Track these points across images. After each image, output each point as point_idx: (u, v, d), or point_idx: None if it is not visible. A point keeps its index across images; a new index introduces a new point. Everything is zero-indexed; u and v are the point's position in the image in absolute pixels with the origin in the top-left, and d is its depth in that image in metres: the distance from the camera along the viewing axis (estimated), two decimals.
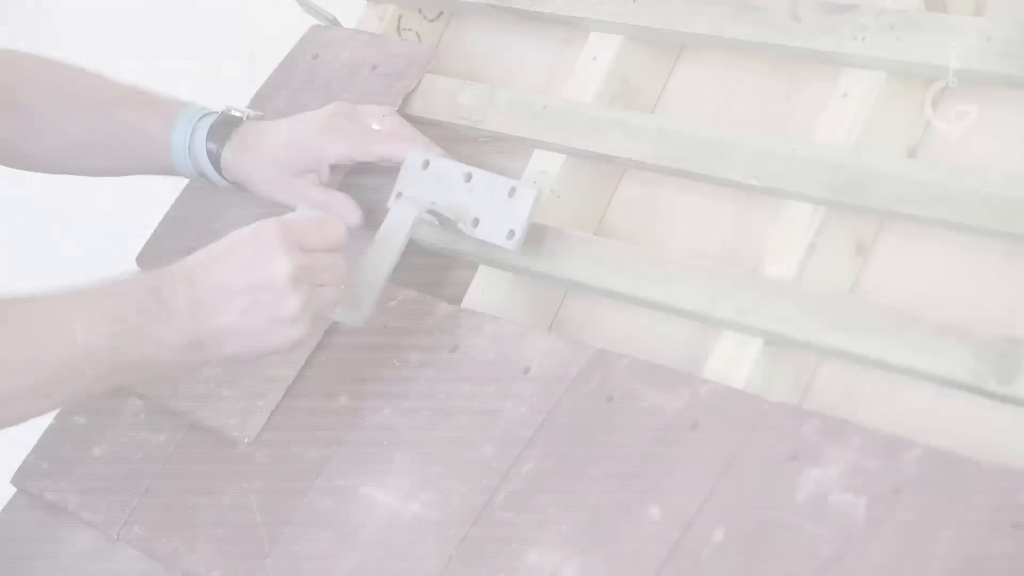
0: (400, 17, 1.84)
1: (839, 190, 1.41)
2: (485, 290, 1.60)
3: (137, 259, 1.80)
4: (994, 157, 1.41)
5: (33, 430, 1.80)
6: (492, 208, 1.56)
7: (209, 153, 1.67)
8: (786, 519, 1.27)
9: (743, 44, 1.54)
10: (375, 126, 1.66)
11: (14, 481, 1.76)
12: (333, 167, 1.65)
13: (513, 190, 1.55)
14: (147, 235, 1.81)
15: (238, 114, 1.68)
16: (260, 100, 1.82)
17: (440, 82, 1.73)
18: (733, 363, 1.41)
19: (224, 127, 1.67)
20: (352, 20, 1.87)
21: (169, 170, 1.70)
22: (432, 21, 1.85)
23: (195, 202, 1.80)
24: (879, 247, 1.45)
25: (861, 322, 1.35)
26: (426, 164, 1.60)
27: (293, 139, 1.64)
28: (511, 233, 1.54)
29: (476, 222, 1.57)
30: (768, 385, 1.41)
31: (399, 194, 1.61)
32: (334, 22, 1.86)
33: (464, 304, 1.60)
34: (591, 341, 1.54)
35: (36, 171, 1.74)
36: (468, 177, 1.58)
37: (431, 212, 1.57)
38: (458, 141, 1.73)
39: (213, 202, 1.77)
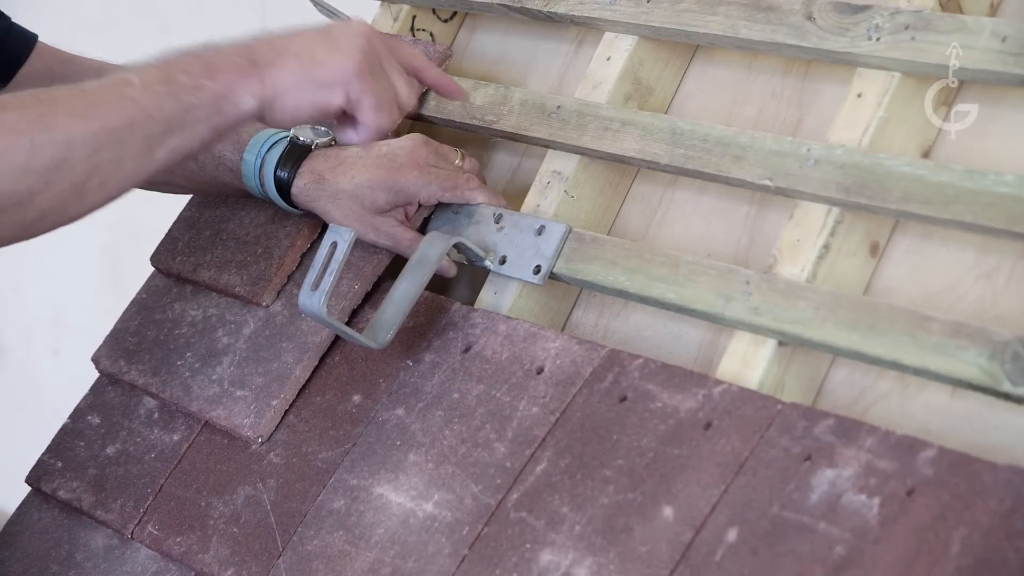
0: (414, 17, 1.84)
1: (853, 191, 1.41)
2: (498, 290, 1.60)
3: (151, 259, 1.81)
4: (1008, 158, 1.41)
5: (47, 429, 1.80)
6: (520, 246, 1.58)
7: (278, 181, 1.65)
8: (799, 520, 1.27)
9: (757, 44, 1.54)
10: (457, 162, 1.66)
11: (28, 480, 1.76)
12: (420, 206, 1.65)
13: (542, 228, 1.57)
14: (160, 235, 1.82)
15: (305, 140, 1.66)
16: None
17: None
18: (747, 363, 1.41)
19: (293, 157, 1.65)
20: (366, 20, 1.87)
21: (243, 193, 1.70)
22: (446, 21, 1.85)
23: (208, 202, 1.80)
24: (893, 248, 1.45)
25: (875, 323, 1.35)
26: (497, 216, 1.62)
27: (380, 177, 1.62)
28: (537, 269, 1.56)
29: (503, 260, 1.58)
30: (781, 386, 1.41)
31: (429, 227, 1.63)
32: None
33: (477, 304, 1.60)
34: (604, 341, 1.54)
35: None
36: (498, 217, 1.60)
37: (459, 247, 1.58)
38: (472, 141, 1.74)
39: (226, 203, 1.78)
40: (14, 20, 1.75)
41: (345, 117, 1.51)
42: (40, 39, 1.75)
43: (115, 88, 1.41)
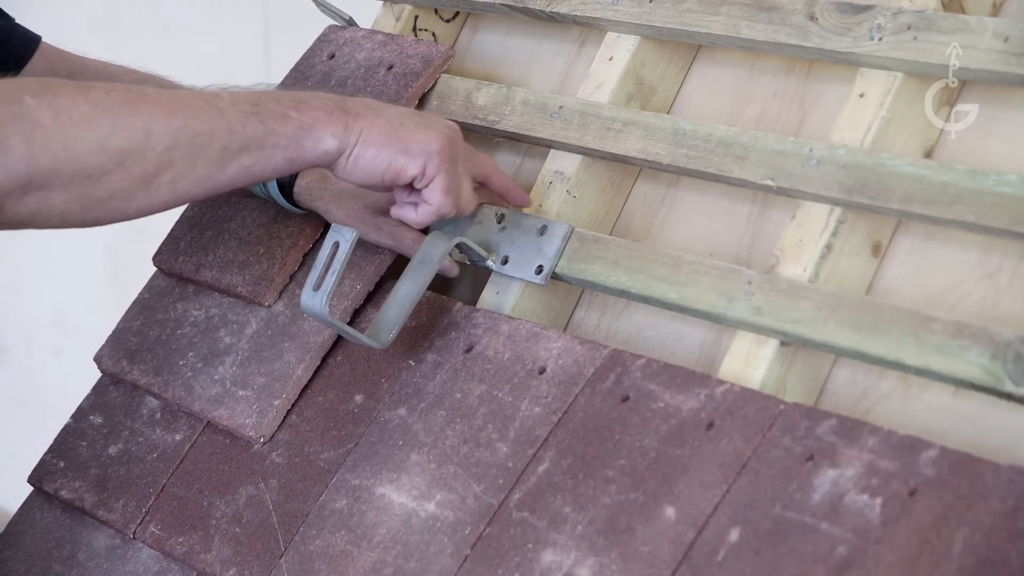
0: (416, 17, 1.84)
1: (855, 191, 1.41)
2: (501, 290, 1.60)
3: (154, 259, 1.81)
4: (1011, 158, 1.41)
5: (50, 428, 1.80)
6: (522, 246, 1.58)
7: (280, 183, 1.66)
8: (802, 520, 1.27)
9: (759, 44, 1.54)
10: None
11: (30, 480, 1.76)
12: None
13: (544, 228, 1.57)
14: (163, 235, 1.82)
15: None
16: None
17: (456, 82, 1.74)
18: (749, 364, 1.41)
19: None
20: (368, 20, 1.87)
21: (245, 193, 1.70)
22: (448, 21, 1.85)
23: (210, 202, 1.80)
24: (895, 248, 1.45)
25: (877, 323, 1.35)
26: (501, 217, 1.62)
27: None
28: (540, 269, 1.56)
29: (506, 260, 1.58)
30: (784, 386, 1.41)
31: (432, 228, 1.63)
32: (350, 22, 1.86)
33: (480, 304, 1.60)
34: (606, 341, 1.54)
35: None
36: (501, 217, 1.60)
37: (461, 247, 1.58)
38: (474, 141, 1.74)
39: (228, 202, 1.78)
40: (16, 20, 1.76)
41: (408, 194, 1.52)
42: (43, 39, 1.76)
43: (204, 96, 1.43)
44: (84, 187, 1.37)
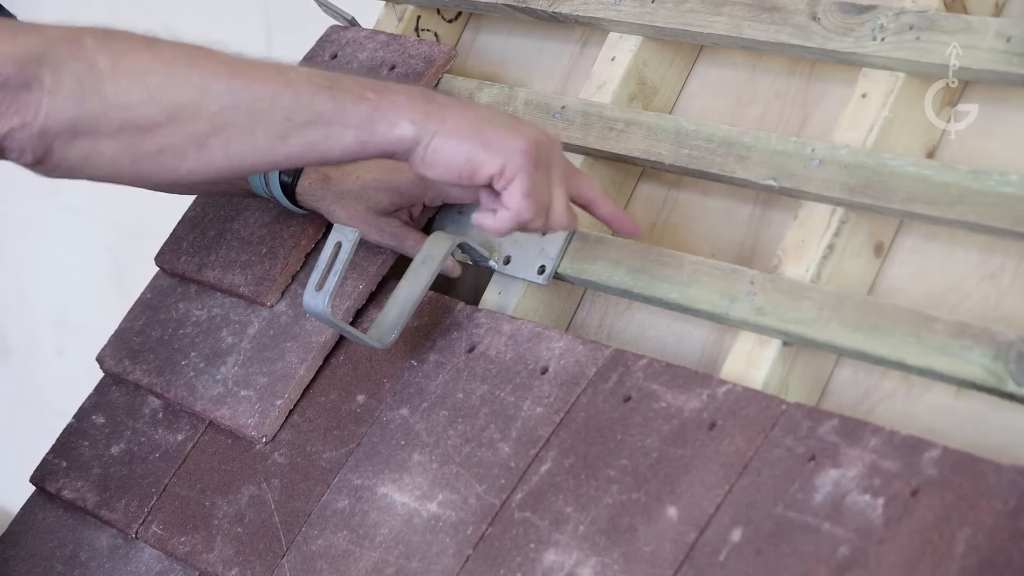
0: (419, 17, 1.84)
1: (857, 191, 1.41)
2: (503, 290, 1.60)
3: (156, 259, 1.81)
4: (1013, 158, 1.41)
5: (52, 428, 1.80)
6: (524, 246, 1.58)
7: (283, 181, 1.64)
8: (804, 520, 1.27)
9: (761, 45, 1.54)
10: None
11: (33, 480, 1.77)
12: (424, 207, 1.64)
13: None
14: (165, 235, 1.82)
15: None
16: None
17: (458, 83, 1.74)
18: (751, 364, 1.41)
19: None
20: (370, 20, 1.87)
21: (248, 192, 1.69)
22: (450, 22, 1.85)
23: (212, 202, 1.80)
24: (897, 248, 1.45)
25: (879, 323, 1.35)
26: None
27: (385, 178, 1.60)
28: (542, 269, 1.56)
29: (508, 260, 1.58)
30: (786, 386, 1.41)
31: (433, 228, 1.63)
32: (352, 22, 1.86)
33: (482, 304, 1.60)
34: (608, 341, 1.54)
35: (122, 184, 1.75)
36: None
37: (463, 247, 1.58)
38: None
39: (230, 202, 1.78)
40: (18, 19, 1.75)
41: (489, 198, 1.42)
42: None
43: (276, 64, 1.37)
44: (134, 138, 1.32)
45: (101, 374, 1.79)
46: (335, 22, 1.87)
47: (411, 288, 1.55)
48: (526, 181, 1.39)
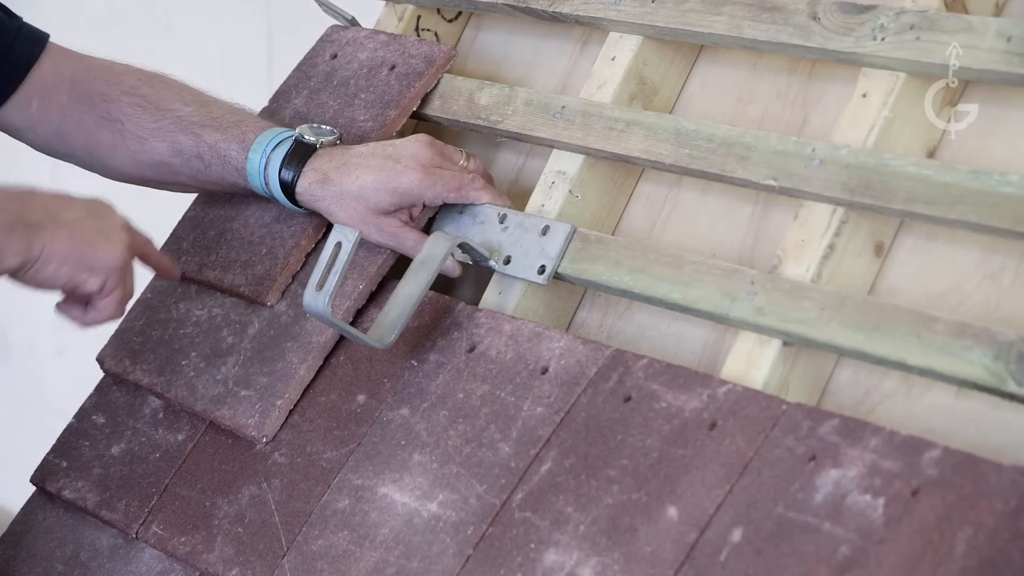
0: (419, 17, 1.84)
1: (858, 191, 1.41)
2: (503, 290, 1.60)
3: None
4: (1013, 158, 1.41)
5: (52, 428, 1.80)
6: (524, 246, 1.58)
7: (283, 181, 1.65)
8: (804, 520, 1.27)
9: (762, 44, 1.54)
10: (462, 163, 1.66)
11: (33, 480, 1.77)
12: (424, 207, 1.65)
13: (547, 228, 1.57)
14: (165, 235, 1.82)
15: (311, 139, 1.65)
16: (279, 99, 1.82)
17: (458, 82, 1.74)
18: (751, 364, 1.41)
19: (298, 156, 1.64)
20: (370, 20, 1.87)
21: (248, 192, 1.70)
22: (451, 21, 1.85)
23: (212, 202, 1.80)
24: (898, 248, 1.45)
25: (880, 323, 1.34)
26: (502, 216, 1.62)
27: (384, 179, 1.61)
28: (542, 269, 1.56)
29: (508, 260, 1.58)
30: (786, 386, 1.41)
31: (434, 228, 1.63)
32: (353, 22, 1.86)
33: (482, 304, 1.60)
34: (609, 341, 1.54)
35: (124, 182, 1.76)
36: (503, 218, 1.60)
37: (463, 247, 1.58)
38: (477, 141, 1.74)
39: (231, 202, 1.78)
40: (23, 20, 1.75)
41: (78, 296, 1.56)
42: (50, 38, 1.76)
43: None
44: None
45: (101, 374, 1.79)
46: (335, 22, 1.87)
47: (411, 288, 1.55)
48: (123, 291, 1.56)
